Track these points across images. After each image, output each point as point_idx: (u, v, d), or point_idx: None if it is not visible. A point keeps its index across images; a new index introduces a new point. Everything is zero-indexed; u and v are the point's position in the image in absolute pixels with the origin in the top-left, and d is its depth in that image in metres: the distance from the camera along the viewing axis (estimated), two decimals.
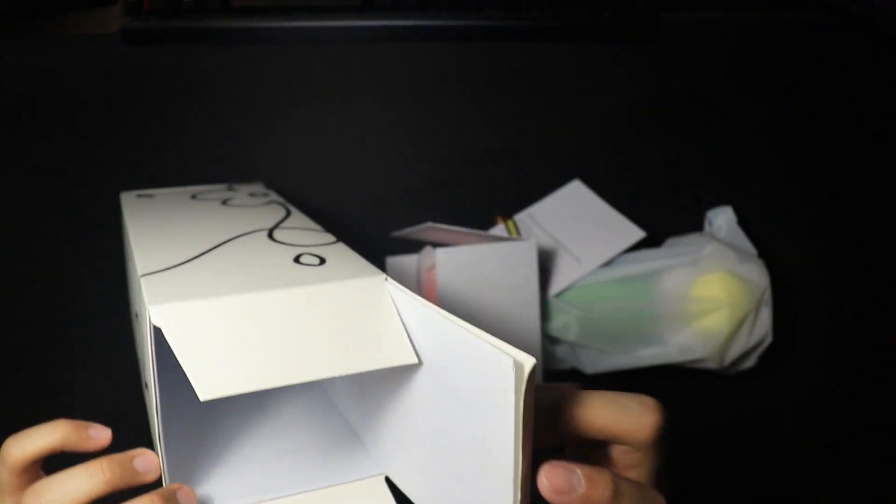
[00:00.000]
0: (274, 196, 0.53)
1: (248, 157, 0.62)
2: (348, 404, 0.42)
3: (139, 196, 0.54)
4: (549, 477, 0.29)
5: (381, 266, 0.60)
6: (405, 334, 0.35)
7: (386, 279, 0.36)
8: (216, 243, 0.41)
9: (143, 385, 0.41)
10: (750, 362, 0.56)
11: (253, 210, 0.48)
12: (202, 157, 0.62)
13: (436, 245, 0.56)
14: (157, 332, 0.32)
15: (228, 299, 0.33)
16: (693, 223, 0.62)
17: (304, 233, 0.43)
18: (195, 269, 0.37)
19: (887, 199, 0.63)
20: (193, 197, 0.53)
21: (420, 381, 0.34)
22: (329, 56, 0.62)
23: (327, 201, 0.62)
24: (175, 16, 0.61)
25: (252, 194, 0.53)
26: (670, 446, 0.32)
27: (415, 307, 0.34)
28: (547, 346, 0.54)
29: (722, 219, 0.59)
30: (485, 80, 0.63)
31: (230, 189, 0.56)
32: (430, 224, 0.53)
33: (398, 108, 0.63)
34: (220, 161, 0.62)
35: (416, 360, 0.34)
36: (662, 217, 0.62)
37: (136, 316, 0.42)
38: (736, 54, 0.63)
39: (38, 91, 0.61)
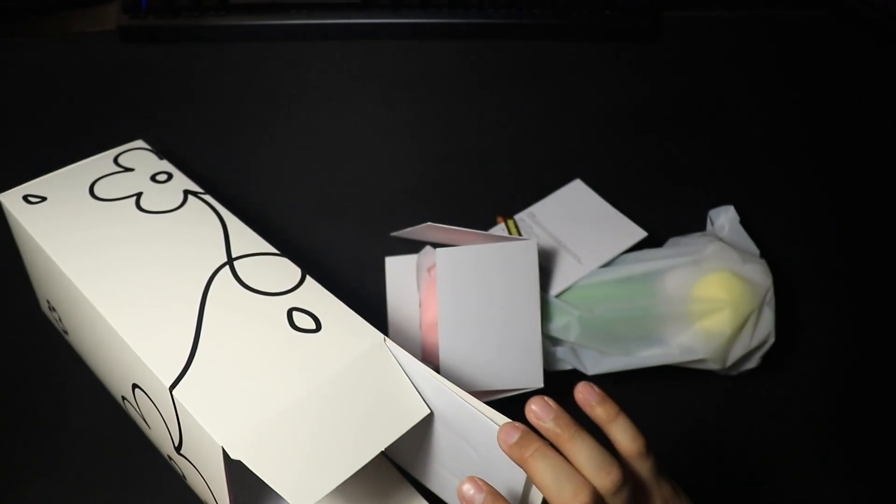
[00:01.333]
0: (172, 170, 0.51)
1: (247, 155, 0.62)
2: None
3: (29, 201, 0.48)
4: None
5: (381, 266, 0.60)
6: (414, 389, 0.39)
7: (384, 339, 0.41)
8: (197, 303, 0.42)
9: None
10: (752, 363, 0.55)
11: (179, 221, 0.47)
12: (202, 155, 0.62)
13: (436, 245, 0.56)
14: (228, 457, 0.35)
15: (278, 411, 0.36)
16: (695, 223, 0.61)
17: (259, 263, 0.45)
18: (211, 362, 0.39)
19: (890, 199, 0.63)
20: (93, 194, 0.49)
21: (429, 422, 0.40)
22: (329, 54, 0.62)
23: (327, 201, 0.62)
24: (172, 14, 0.61)
25: (154, 178, 0.50)
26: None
27: (409, 364, 0.40)
28: (547, 347, 0.54)
29: (724, 218, 0.59)
30: (485, 79, 0.63)
31: (119, 166, 0.51)
32: (430, 224, 0.53)
33: (398, 106, 0.63)
34: (220, 159, 0.62)
35: (429, 411, 0.39)
36: (664, 216, 0.61)
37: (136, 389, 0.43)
38: (737, 53, 0.63)
39: (36, 89, 0.61)
